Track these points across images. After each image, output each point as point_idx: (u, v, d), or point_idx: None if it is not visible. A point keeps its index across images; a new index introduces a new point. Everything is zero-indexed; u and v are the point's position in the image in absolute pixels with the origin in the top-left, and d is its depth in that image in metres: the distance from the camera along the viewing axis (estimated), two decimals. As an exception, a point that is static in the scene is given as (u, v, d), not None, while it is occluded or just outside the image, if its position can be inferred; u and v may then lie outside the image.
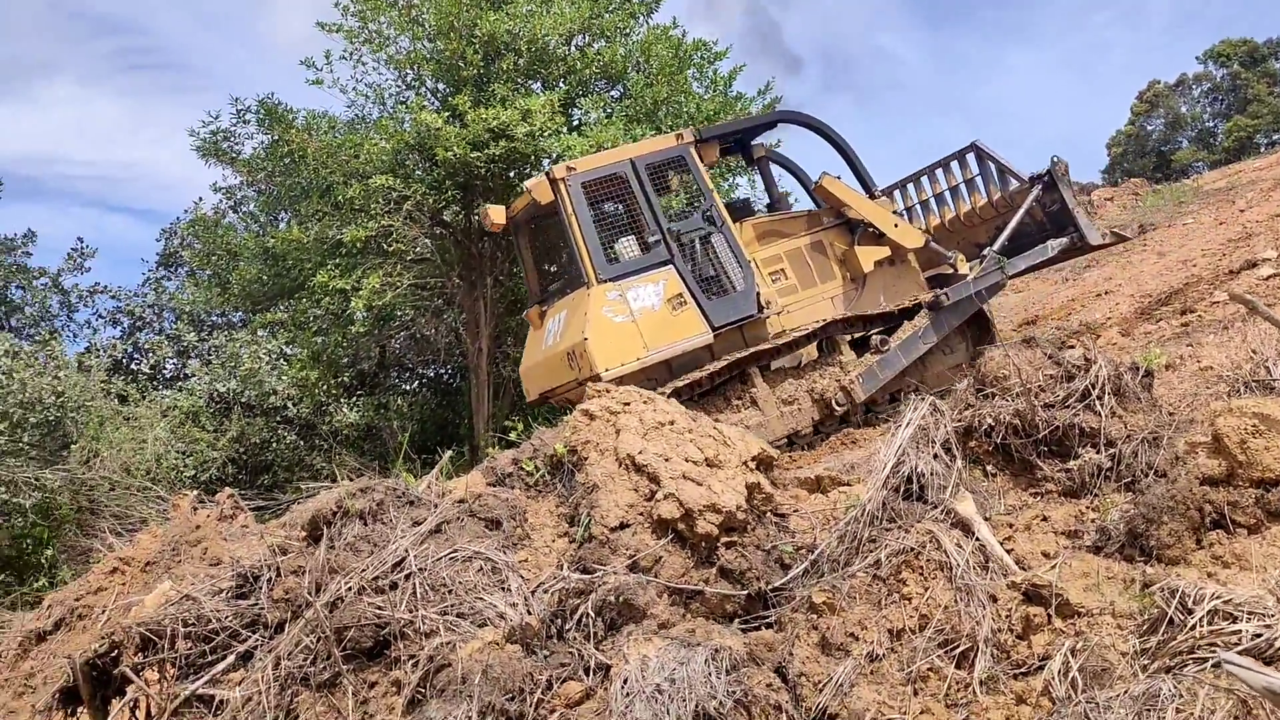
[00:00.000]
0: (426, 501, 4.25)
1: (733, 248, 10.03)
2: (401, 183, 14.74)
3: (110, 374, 19.79)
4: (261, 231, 18.15)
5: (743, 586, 3.97)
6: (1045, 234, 10.53)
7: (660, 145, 10.40)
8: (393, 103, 16.54)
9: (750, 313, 9.81)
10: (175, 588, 6.49)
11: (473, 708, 3.28)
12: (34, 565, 15.50)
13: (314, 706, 3.55)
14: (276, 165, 17.06)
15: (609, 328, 9.72)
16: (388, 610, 3.70)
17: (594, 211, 10.03)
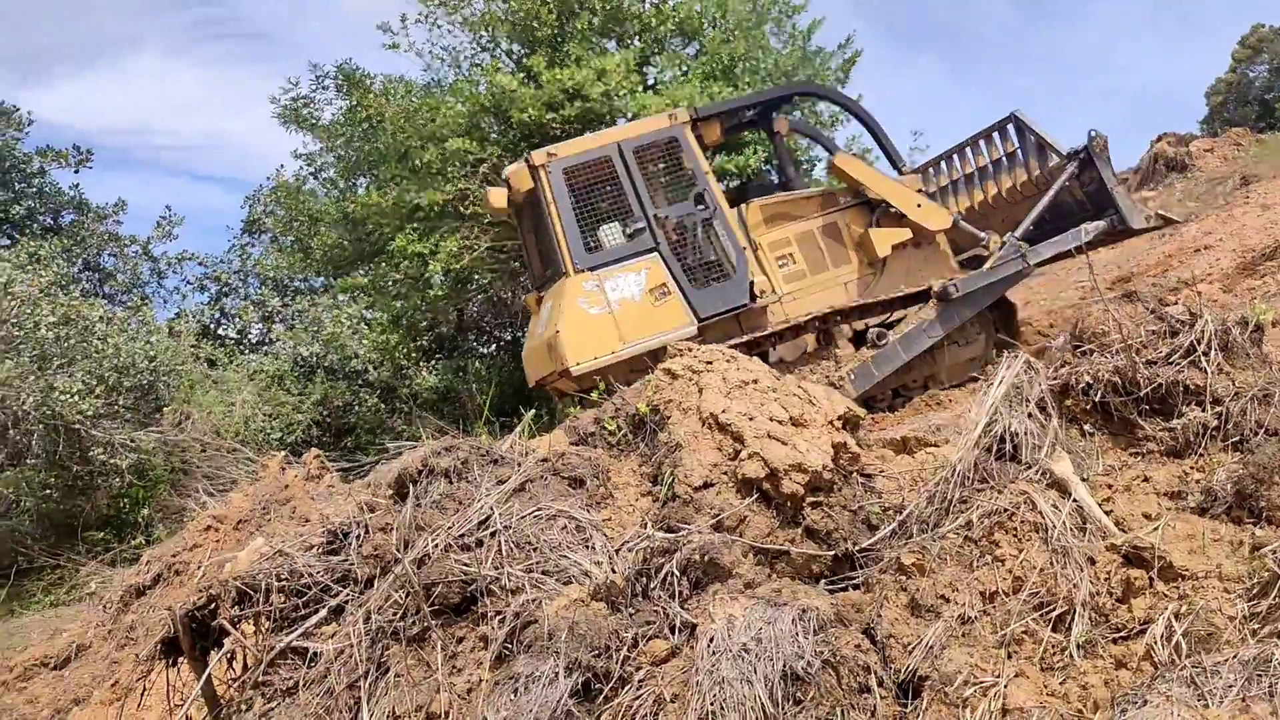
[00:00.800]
0: (510, 460, 4.26)
1: (725, 233, 9.56)
2: (478, 145, 14.80)
3: (199, 339, 20.42)
4: (341, 197, 18.42)
5: (829, 547, 3.90)
6: (1086, 215, 9.61)
7: (650, 126, 9.97)
8: (468, 65, 16.60)
9: (741, 302, 9.38)
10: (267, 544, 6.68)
11: (559, 663, 3.29)
12: (131, 524, 16.15)
13: (404, 660, 3.61)
14: (355, 131, 17.28)
15: (583, 320, 9.42)
16: (474, 567, 3.73)
17: (576, 199, 9.68)
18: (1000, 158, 10.15)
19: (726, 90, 14.64)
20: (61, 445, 14.82)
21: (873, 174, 9.83)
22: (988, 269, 9.39)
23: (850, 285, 9.88)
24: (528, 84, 14.51)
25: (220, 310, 23.41)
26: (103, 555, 15.25)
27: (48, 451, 14.82)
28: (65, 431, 14.72)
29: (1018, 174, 9.95)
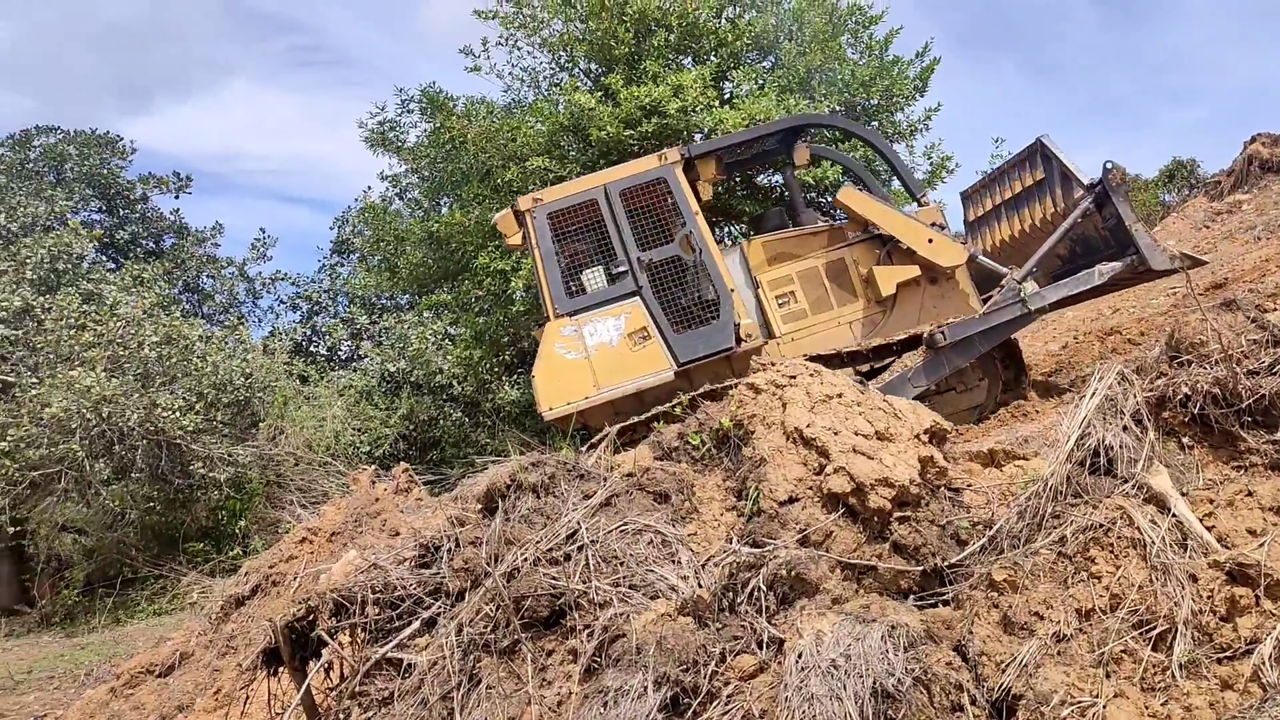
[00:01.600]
0: (596, 475, 4.32)
1: (712, 276, 9.33)
2: (557, 163, 15.01)
3: (291, 356, 21.05)
4: (425, 217, 18.84)
5: (917, 562, 3.86)
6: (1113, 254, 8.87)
7: (639, 168, 9.76)
8: (547, 85, 16.86)
9: (724, 347, 9.16)
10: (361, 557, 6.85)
11: (648, 678, 3.32)
12: (229, 535, 16.71)
13: (495, 672, 3.68)
14: (438, 152, 17.68)
15: (558, 365, 9.40)
16: (562, 581, 3.79)
17: (560, 243, 9.66)
18: (1031, 187, 9.60)
19: (803, 103, 14.60)
20: (164, 459, 15.43)
21: (879, 208, 9.34)
22: (982, 314, 8.89)
23: (855, 325, 9.46)
24: (606, 102, 14.68)
25: (311, 328, 24.13)
26: (202, 566, 15.84)
27: (151, 465, 15.44)
28: (167, 446, 15.33)
29: (1045, 205, 9.42)
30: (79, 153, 23.20)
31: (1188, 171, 22.01)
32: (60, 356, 15.89)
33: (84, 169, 23.11)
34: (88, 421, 14.72)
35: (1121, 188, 8.62)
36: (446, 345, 19.76)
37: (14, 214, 20.00)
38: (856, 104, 16.02)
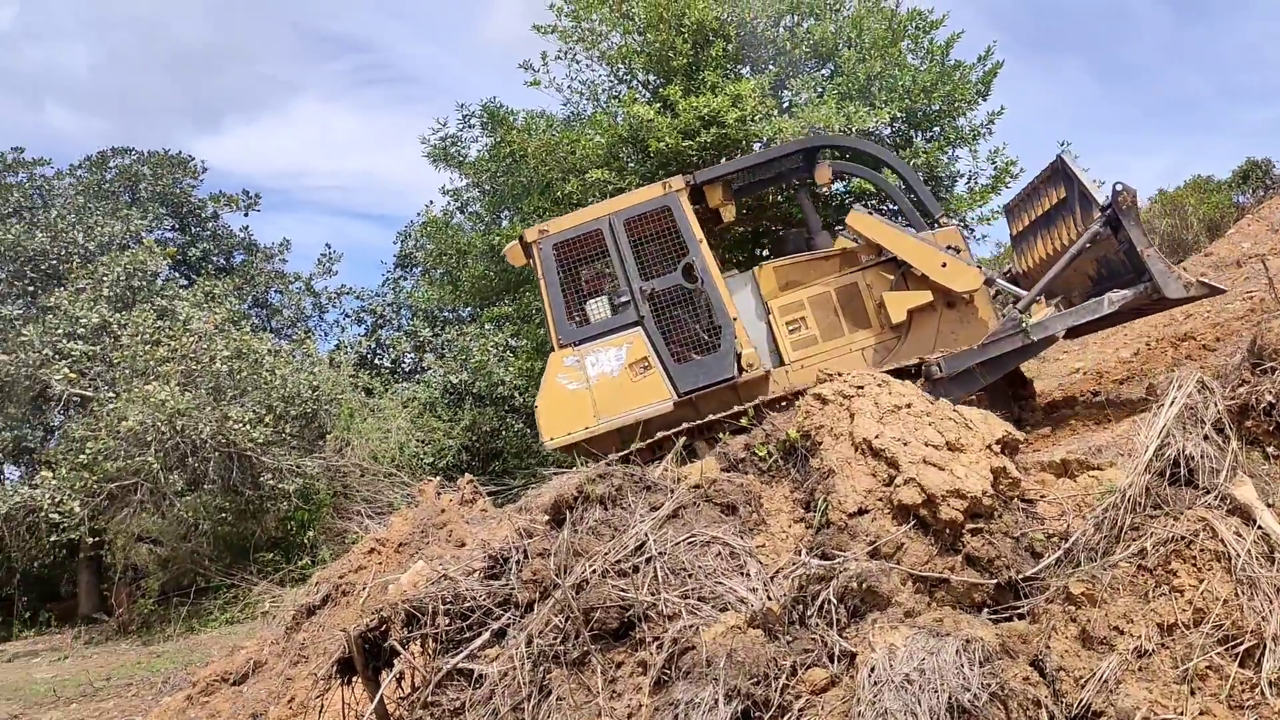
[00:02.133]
0: (663, 487, 4.32)
1: (713, 305, 9.23)
2: (616, 175, 15.09)
3: (357, 369, 21.40)
4: (486, 230, 19.05)
5: (991, 575, 3.79)
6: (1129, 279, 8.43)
7: (643, 197, 9.71)
8: (606, 98, 16.96)
9: (725, 376, 9.07)
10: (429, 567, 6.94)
11: (719, 690, 3.31)
12: (298, 545, 17.03)
13: (565, 683, 3.69)
14: (499, 166, 17.87)
15: (561, 396, 9.45)
16: (631, 593, 3.80)
17: (565, 273, 9.68)
18: (1058, 204, 9.14)
19: (863, 110, 14.49)
20: (235, 471, 15.79)
21: (889, 231, 9.00)
22: (981, 344, 8.57)
23: (868, 352, 9.19)
24: (664, 113, 14.73)
25: (376, 341, 24.51)
26: (273, 575, 16.16)
27: (222, 477, 15.81)
28: (238, 458, 15.68)
29: (1070, 225, 8.93)
30: (153, 173, 23.92)
31: (1262, 172, 21.36)
32: (136, 371, 16.36)
33: (158, 188, 23.82)
34: (162, 434, 15.13)
35: (1132, 211, 8.15)
36: (508, 357, 19.93)
37: (91, 233, 20.67)
38: (917, 110, 15.87)
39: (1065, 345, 16.59)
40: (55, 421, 20.15)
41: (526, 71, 16.48)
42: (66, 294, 18.29)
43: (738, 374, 9.04)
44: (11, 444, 19.89)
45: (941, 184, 16.56)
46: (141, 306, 17.91)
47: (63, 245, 20.51)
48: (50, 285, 20.26)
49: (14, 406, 19.50)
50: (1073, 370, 13.63)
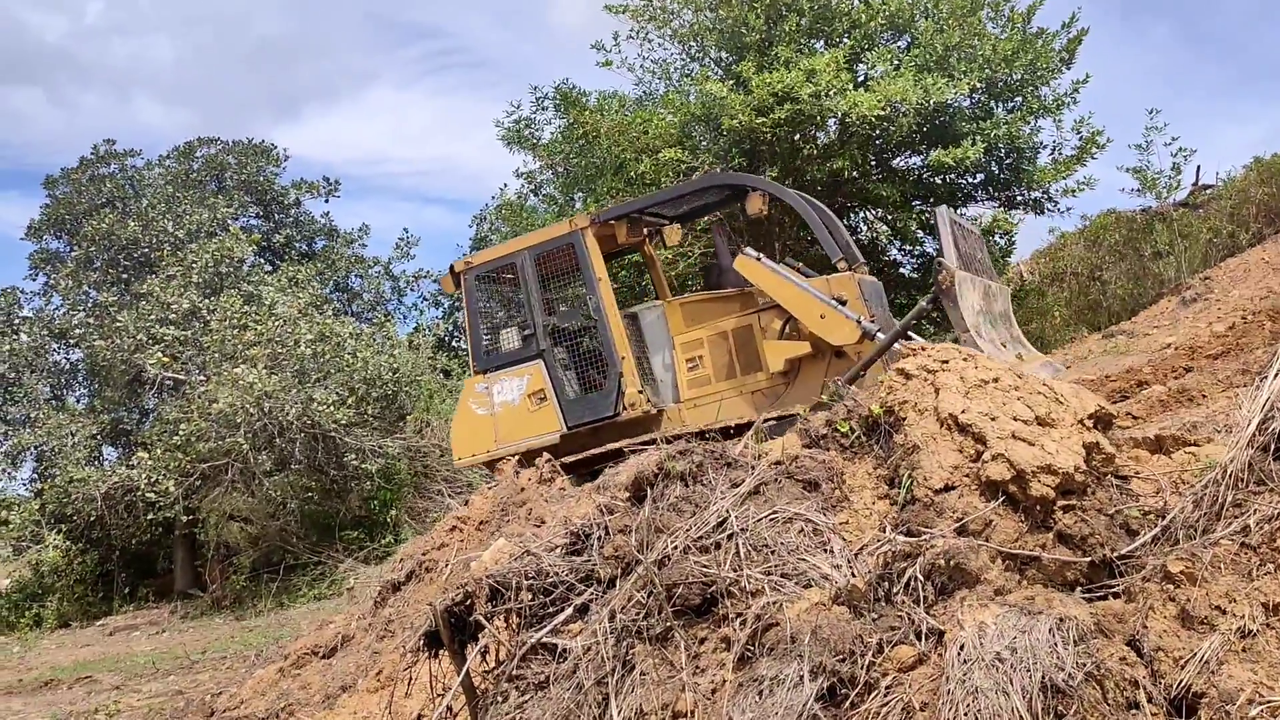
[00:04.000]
0: (743, 463, 4.30)
1: (603, 344, 9.39)
2: (689, 154, 15.04)
3: (435, 351, 21.72)
4: (560, 211, 19.15)
5: (1084, 553, 3.69)
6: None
7: (552, 234, 9.99)
8: (678, 76, 16.91)
9: (605, 414, 9.28)
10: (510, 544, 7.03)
11: (804, 667, 3.29)
12: (381, 523, 17.42)
13: (648, 658, 3.71)
14: (572, 147, 17.94)
15: (470, 419, 9.97)
16: (713, 569, 3.79)
17: (484, 304, 10.19)
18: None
19: (941, 82, 14.17)
20: (320, 452, 16.20)
21: (773, 277, 8.71)
22: (804, 412, 8.26)
23: (757, 396, 9.02)
24: (737, 90, 14.61)
25: (453, 324, 24.82)
26: (357, 553, 16.56)
27: (308, 457, 16.23)
28: (323, 439, 16.08)
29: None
30: (237, 162, 24.56)
31: (1367, 139, 20.32)
32: (225, 355, 16.86)
33: (242, 177, 24.45)
34: (251, 416, 15.58)
35: (950, 292, 7.76)
36: (582, 338, 20.02)
37: (180, 221, 21.31)
38: (998, 80, 15.47)
39: (1156, 320, 16.07)
40: (150, 404, 20.90)
41: (598, 52, 16.51)
42: (158, 281, 18.92)
43: (616, 413, 9.24)
44: (110, 426, 20.70)
45: (1023, 156, 16.14)
46: (229, 292, 18.43)
47: (154, 234, 21.18)
48: (143, 273, 20.98)
49: (111, 390, 20.29)
50: (1164, 346, 13.20)
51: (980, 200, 17.45)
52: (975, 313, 7.95)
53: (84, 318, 20.81)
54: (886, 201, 15.69)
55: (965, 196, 17.31)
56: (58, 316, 22.00)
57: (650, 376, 9.71)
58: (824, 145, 15.90)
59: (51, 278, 23.09)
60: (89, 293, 21.90)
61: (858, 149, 15.57)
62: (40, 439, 19.99)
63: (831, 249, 9.00)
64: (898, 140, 15.55)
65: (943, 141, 15.11)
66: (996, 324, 8.63)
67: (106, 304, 20.19)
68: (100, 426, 20.14)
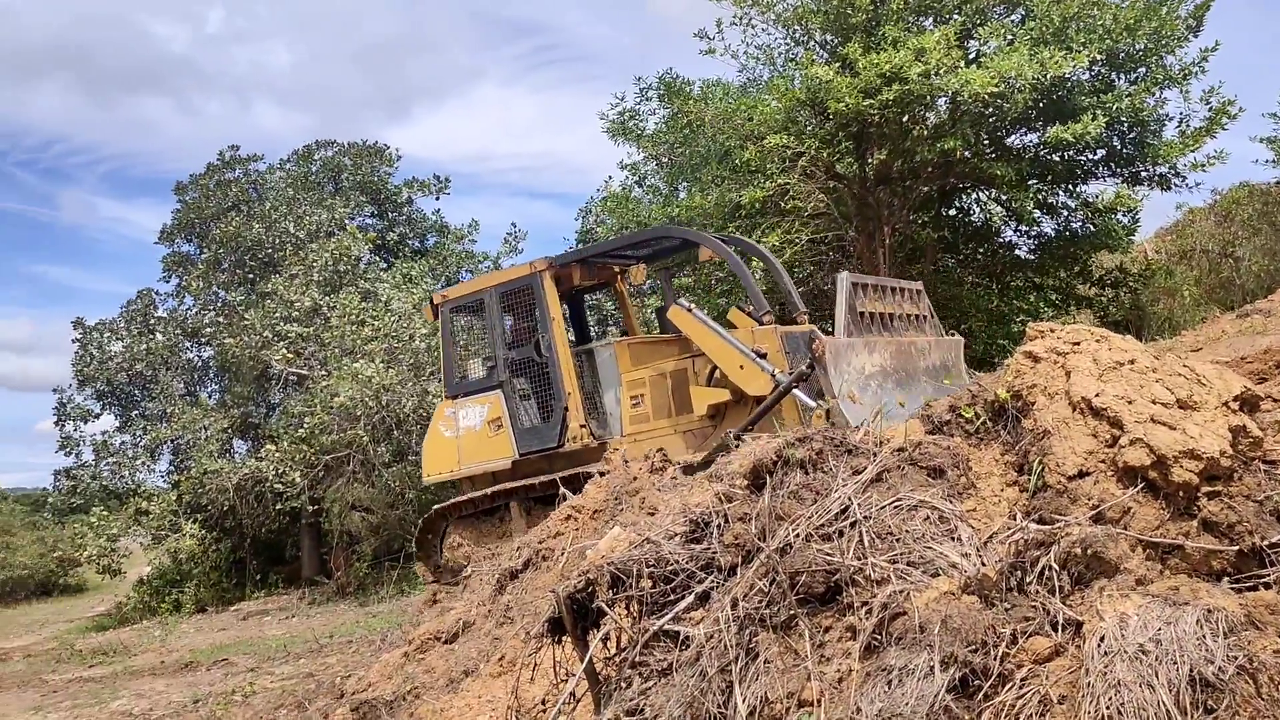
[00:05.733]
0: (865, 450, 4.23)
1: (553, 379, 10.13)
2: (795, 140, 14.86)
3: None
4: (665, 202, 19.17)
5: (1231, 541, 3.51)
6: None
7: (514, 274, 10.83)
8: (782, 61, 16.71)
9: (551, 445, 10.04)
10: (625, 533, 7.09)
11: (934, 657, 3.22)
12: (496, 512, 17.71)
13: (772, 646, 3.69)
14: (676, 137, 17.93)
15: (438, 440, 10.87)
16: (836, 557, 3.74)
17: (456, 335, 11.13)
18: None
19: (1059, 55, 13.64)
20: (436, 444, 16.57)
21: (699, 328, 9.34)
22: (702, 459, 8.80)
23: (688, 436, 9.56)
24: (844, 73, 14.35)
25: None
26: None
27: (425, 449, 16.65)
28: (439, 431, 16.46)
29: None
30: (353, 163, 25.36)
31: None
32: (345, 350, 17.45)
33: (357, 177, 25.24)
34: (370, 409, 16.10)
35: (823, 360, 8.49)
36: (689, 328, 20.02)
37: (301, 222, 22.12)
38: (1119, 50, 14.81)
39: (1296, 298, 15.15)
40: (276, 399, 21.80)
41: (701, 40, 16.41)
42: (281, 280, 19.69)
43: (561, 444, 9.99)
44: (239, 420, 21.67)
45: (1148, 129, 15.44)
46: (347, 289, 19.06)
47: (276, 235, 22.05)
48: (267, 272, 21.86)
49: (240, 385, 21.23)
50: (1307, 324, 12.44)
51: (1101, 177, 16.75)
52: (860, 376, 8.69)
53: (214, 317, 21.83)
54: (1000, 181, 15.20)
55: (1085, 173, 16.65)
56: (190, 316, 23.13)
57: (601, 410, 10.49)
58: (934, 125, 15.50)
59: (183, 279, 24.27)
60: (218, 293, 22.95)
61: (970, 128, 15.13)
62: (176, 433, 21.07)
63: (758, 303, 9.64)
64: (1012, 118, 15.04)
65: (1061, 117, 14.55)
66: (913, 382, 9.20)
67: (235, 303, 21.12)
68: (230, 420, 21.09)
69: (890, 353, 9.16)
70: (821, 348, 8.54)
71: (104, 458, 22.90)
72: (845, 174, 15.79)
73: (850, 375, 8.65)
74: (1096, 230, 17.00)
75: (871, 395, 8.58)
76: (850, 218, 16.17)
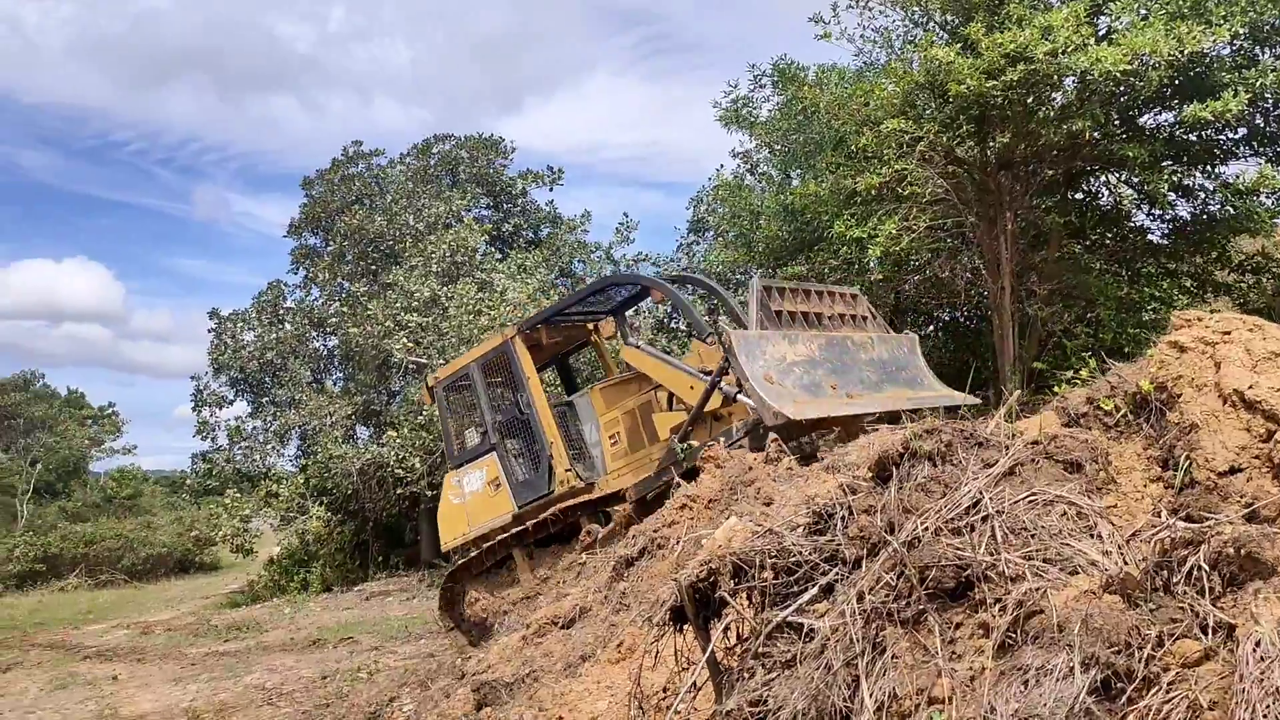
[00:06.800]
0: (996, 443, 4.11)
1: (535, 432, 10.92)
2: (913, 124, 14.50)
3: (655, 332, 22.13)
4: (779, 190, 18.97)
5: (1402, 545, 3.29)
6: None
7: (490, 345, 11.71)
8: (900, 44, 16.31)
9: (543, 492, 10.72)
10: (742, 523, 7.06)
11: (1074, 658, 3.11)
12: (610, 500, 17.90)
13: (900, 641, 3.62)
14: (790, 124, 17.70)
15: (449, 508, 11.77)
16: (967, 552, 3.64)
17: (452, 410, 12.14)
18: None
19: (1197, 29, 12.93)
20: (549, 431, 16.83)
21: (650, 361, 10.14)
22: (654, 473, 9.73)
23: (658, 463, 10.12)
24: (965, 54, 13.92)
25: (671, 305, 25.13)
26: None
27: (540, 437, 16.92)
28: (553, 419, 16.70)
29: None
30: (469, 156, 25.90)
31: None
32: (462, 339, 17.86)
33: (474, 170, 25.76)
34: (486, 397, 16.40)
35: (731, 350, 8.83)
36: (802, 317, 19.79)
37: (420, 215, 22.72)
38: (1264, 23, 13.98)
39: None
40: (397, 386, 22.47)
41: (817, 25, 16.14)
42: (402, 271, 20.26)
43: (551, 489, 10.67)
44: (362, 407, 22.42)
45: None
46: (464, 280, 19.49)
47: (397, 227, 22.70)
48: (388, 264, 22.53)
49: (364, 374, 21.96)
50: None
51: (1242, 157, 15.84)
52: (780, 364, 9.04)
53: (339, 307, 22.63)
54: (1132, 163, 14.51)
55: (1224, 153, 15.76)
56: (316, 307, 24.03)
57: (587, 454, 11.27)
58: (1061, 106, 14.89)
59: (310, 271, 25.23)
60: (343, 284, 23.78)
61: (1100, 108, 14.48)
62: (303, 419, 21.95)
63: (700, 329, 10.55)
64: (1146, 96, 14.35)
65: (1199, 94, 13.80)
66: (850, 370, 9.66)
67: (358, 294, 21.85)
68: (354, 407, 21.84)
69: (818, 345, 9.57)
70: (728, 340, 8.95)
71: (237, 442, 24.04)
72: (965, 158, 15.32)
73: (768, 363, 9.01)
74: (1236, 213, 16.07)
75: (794, 380, 9.02)
76: (970, 203, 15.68)
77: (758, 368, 8.86)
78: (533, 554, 11.02)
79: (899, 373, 10.26)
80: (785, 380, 8.94)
